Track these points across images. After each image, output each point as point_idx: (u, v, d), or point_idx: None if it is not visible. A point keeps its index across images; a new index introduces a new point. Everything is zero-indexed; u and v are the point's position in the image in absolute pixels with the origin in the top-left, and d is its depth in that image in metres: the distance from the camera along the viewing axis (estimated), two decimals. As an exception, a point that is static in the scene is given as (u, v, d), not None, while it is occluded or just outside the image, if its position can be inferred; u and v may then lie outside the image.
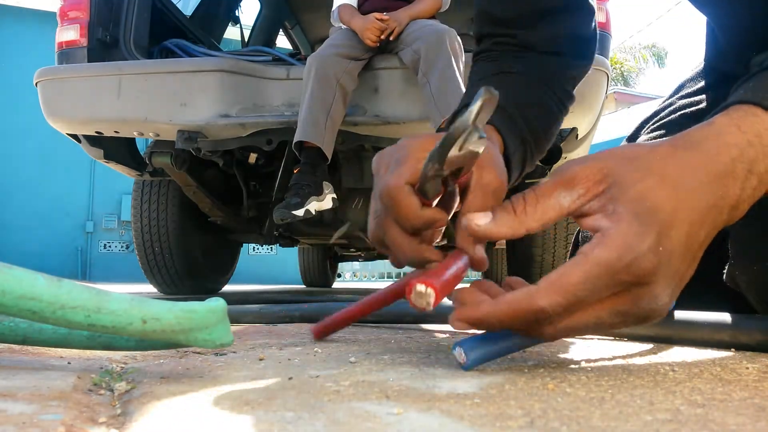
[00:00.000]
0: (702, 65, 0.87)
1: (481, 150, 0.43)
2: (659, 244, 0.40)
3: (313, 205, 1.83)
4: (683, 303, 0.66)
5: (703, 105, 0.82)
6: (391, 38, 1.90)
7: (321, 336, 0.72)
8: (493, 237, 0.44)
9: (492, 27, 0.77)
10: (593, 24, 0.79)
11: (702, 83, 0.86)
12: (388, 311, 0.94)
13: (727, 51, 0.75)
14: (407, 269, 0.55)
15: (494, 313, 0.42)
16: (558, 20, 0.75)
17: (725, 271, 0.69)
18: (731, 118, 0.45)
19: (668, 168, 0.42)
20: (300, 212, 1.78)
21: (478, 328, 0.44)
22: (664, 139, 0.46)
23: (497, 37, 0.77)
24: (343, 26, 2.02)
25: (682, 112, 0.84)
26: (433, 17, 2.02)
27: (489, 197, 0.50)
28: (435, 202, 0.50)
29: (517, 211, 0.43)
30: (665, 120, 0.86)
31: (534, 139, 0.70)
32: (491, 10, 0.78)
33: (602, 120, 2.17)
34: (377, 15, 1.91)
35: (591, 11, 0.78)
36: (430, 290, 0.40)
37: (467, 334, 0.50)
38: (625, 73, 19.60)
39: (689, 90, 0.88)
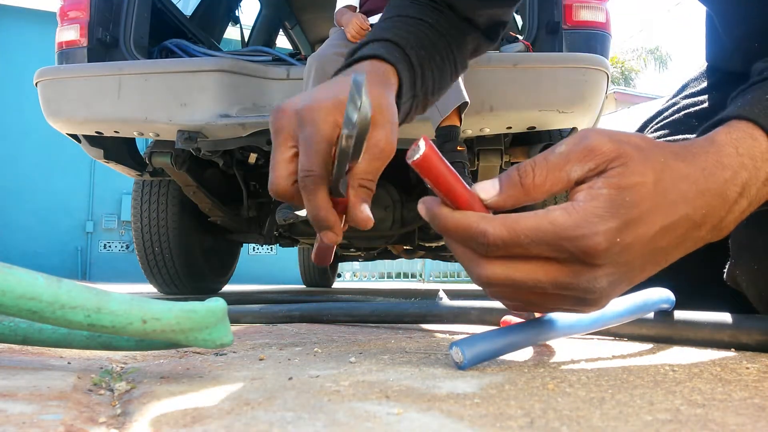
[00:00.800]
0: (706, 65, 0.87)
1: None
2: (618, 235, 0.40)
3: None
4: (683, 303, 0.66)
5: (706, 105, 0.82)
6: None
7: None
8: (497, 209, 0.44)
9: None
10: (511, 14, 0.83)
11: (705, 83, 0.86)
12: (387, 311, 0.94)
13: (730, 48, 0.75)
14: (410, 269, 0.55)
15: (448, 215, 0.43)
16: (486, 2, 0.79)
17: (726, 270, 0.69)
18: (731, 137, 0.45)
19: (665, 173, 0.42)
20: (302, 212, 1.78)
21: (431, 220, 0.45)
22: (673, 143, 0.46)
23: None
24: (343, 26, 2.03)
25: (685, 111, 0.84)
26: None
27: (376, 160, 0.53)
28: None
29: (525, 183, 0.43)
30: (669, 119, 0.87)
31: (423, 97, 0.73)
32: None
33: (602, 120, 2.17)
34: (360, 22, 1.92)
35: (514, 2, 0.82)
36: (424, 146, 0.41)
37: (466, 333, 0.50)
38: (625, 73, 19.60)
39: (693, 90, 0.88)
